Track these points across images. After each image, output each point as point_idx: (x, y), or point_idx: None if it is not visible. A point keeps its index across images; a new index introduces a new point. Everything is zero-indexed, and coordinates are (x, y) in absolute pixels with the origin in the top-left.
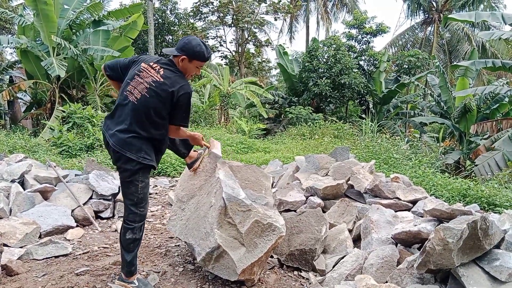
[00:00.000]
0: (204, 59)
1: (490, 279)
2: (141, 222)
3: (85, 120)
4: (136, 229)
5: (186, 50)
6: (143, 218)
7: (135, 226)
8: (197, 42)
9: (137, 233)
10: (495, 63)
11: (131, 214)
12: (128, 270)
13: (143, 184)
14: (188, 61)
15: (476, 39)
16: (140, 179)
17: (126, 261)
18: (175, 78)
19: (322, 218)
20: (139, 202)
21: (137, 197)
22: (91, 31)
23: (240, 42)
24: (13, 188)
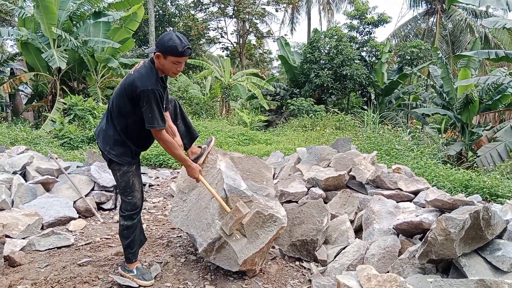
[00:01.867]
0: (178, 53)
1: (492, 269)
2: (132, 211)
3: (86, 112)
4: (127, 217)
5: (159, 46)
6: (135, 207)
7: (126, 214)
8: (170, 36)
9: (128, 221)
10: (498, 54)
11: (122, 203)
12: (126, 256)
13: (121, 173)
14: (163, 58)
15: (478, 29)
16: (116, 168)
17: (123, 247)
18: (141, 73)
19: (324, 209)
20: (123, 190)
21: (120, 185)
22: (92, 23)
23: (241, 33)
24: (15, 180)
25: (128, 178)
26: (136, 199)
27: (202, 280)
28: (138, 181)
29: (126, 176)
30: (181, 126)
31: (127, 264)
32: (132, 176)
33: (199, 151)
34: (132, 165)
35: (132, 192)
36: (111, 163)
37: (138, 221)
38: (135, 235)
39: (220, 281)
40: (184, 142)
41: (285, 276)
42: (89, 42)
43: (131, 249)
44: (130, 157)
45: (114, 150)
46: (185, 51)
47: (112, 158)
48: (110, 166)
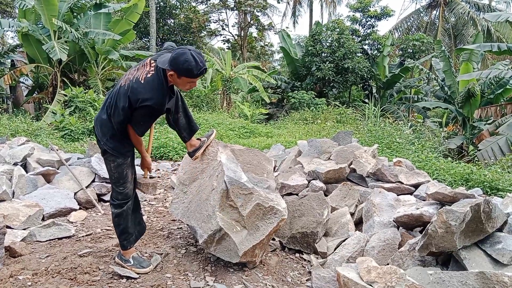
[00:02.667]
0: (193, 76)
1: (492, 262)
2: (123, 200)
3: (87, 104)
4: (117, 206)
5: (173, 66)
6: (126, 197)
7: (116, 203)
8: (185, 57)
9: (118, 209)
10: (501, 47)
11: (113, 192)
12: (121, 244)
13: (115, 164)
14: (177, 77)
15: (481, 23)
16: (110, 159)
17: (117, 235)
18: (151, 86)
19: (324, 202)
20: (115, 181)
21: (113, 176)
22: (92, 14)
23: (242, 25)
24: (16, 171)
25: (122, 170)
26: (128, 189)
27: (202, 271)
28: (131, 172)
29: (120, 168)
30: (181, 119)
31: (123, 251)
32: (126, 168)
33: (198, 144)
34: (127, 157)
35: (125, 183)
36: (105, 153)
37: (129, 209)
38: (127, 222)
39: (220, 272)
40: (183, 135)
41: (285, 268)
42: (90, 34)
43: (125, 236)
44: (126, 150)
45: (110, 143)
46: (201, 73)
47: (108, 150)
48: (105, 155)
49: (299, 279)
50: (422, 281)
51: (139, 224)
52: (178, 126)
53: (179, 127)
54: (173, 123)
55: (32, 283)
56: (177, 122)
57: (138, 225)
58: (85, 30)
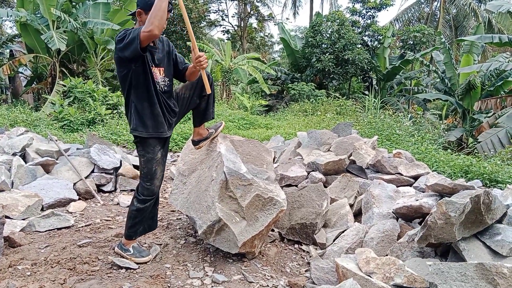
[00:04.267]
0: None
1: (491, 253)
2: (149, 196)
3: (86, 95)
4: (141, 201)
5: (140, 3)
6: (151, 193)
7: (141, 198)
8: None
9: (141, 204)
10: (502, 38)
11: (140, 186)
12: (127, 233)
13: (145, 159)
14: (144, 14)
15: (482, 15)
16: (140, 153)
17: (127, 225)
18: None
19: (323, 193)
20: (143, 176)
21: (142, 171)
22: (91, 4)
23: (242, 16)
24: (15, 161)
25: (151, 166)
26: (155, 186)
27: (201, 262)
28: (160, 169)
29: (150, 164)
30: (203, 103)
31: (125, 240)
32: (156, 164)
33: (206, 134)
34: (156, 153)
35: (152, 180)
36: (137, 147)
37: (151, 206)
38: (142, 218)
39: (219, 263)
40: (195, 119)
41: (284, 259)
42: (89, 24)
43: (135, 228)
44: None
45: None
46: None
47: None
48: (137, 150)
49: (298, 270)
50: (421, 272)
51: (151, 219)
52: (196, 109)
53: (196, 111)
54: (195, 105)
55: (31, 273)
56: (198, 106)
57: (151, 220)
58: (83, 20)
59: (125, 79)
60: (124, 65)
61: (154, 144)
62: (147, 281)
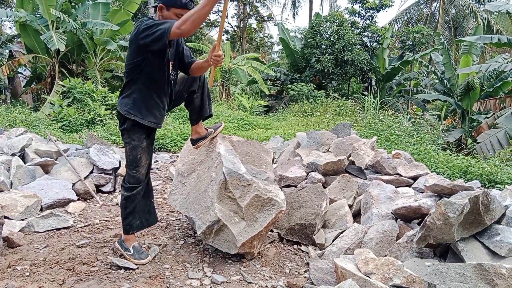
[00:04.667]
0: (182, 5)
1: (489, 254)
2: (134, 184)
3: (85, 95)
4: (128, 189)
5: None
6: (137, 181)
7: (128, 186)
8: None
9: (128, 192)
10: (501, 39)
11: (126, 174)
12: (123, 227)
13: (130, 146)
14: (166, 10)
15: (481, 15)
16: (126, 141)
17: (121, 217)
18: (140, 20)
19: (323, 194)
20: (129, 163)
21: (128, 158)
22: (90, 4)
23: (241, 17)
24: (14, 162)
25: (136, 153)
26: (140, 174)
27: (200, 262)
28: (146, 157)
29: (135, 151)
30: (197, 100)
31: (125, 236)
32: (141, 151)
33: (204, 133)
34: (142, 141)
35: (138, 167)
36: (123, 135)
37: (139, 194)
38: (134, 207)
39: (218, 263)
40: (192, 117)
41: (283, 259)
42: (88, 24)
43: (129, 219)
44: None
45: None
46: (188, 4)
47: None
48: (123, 137)
49: (297, 271)
50: (419, 273)
51: (148, 213)
52: (191, 106)
53: (191, 108)
54: (187, 102)
55: (30, 273)
56: (192, 103)
57: (148, 213)
58: (83, 20)
59: (137, 66)
60: (141, 52)
61: (141, 132)
62: (146, 282)
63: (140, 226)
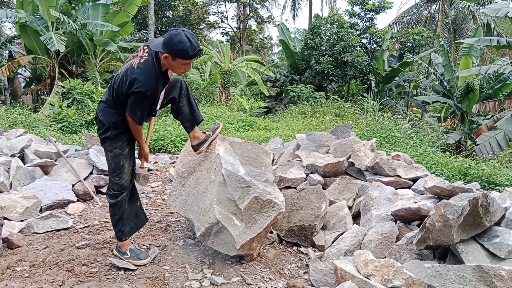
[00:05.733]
0: (188, 57)
1: (489, 256)
2: (118, 191)
3: (85, 96)
4: (112, 196)
5: (167, 47)
6: (121, 188)
7: (112, 193)
8: (180, 38)
9: (113, 199)
10: (500, 41)
11: (109, 182)
12: (116, 235)
13: (112, 154)
14: (171, 59)
15: (481, 17)
16: (108, 149)
17: (112, 225)
18: (144, 71)
19: (322, 195)
20: (112, 171)
21: (110, 166)
22: (90, 5)
23: (241, 18)
24: (13, 163)
25: (118, 160)
26: (124, 180)
27: (200, 263)
28: (128, 164)
29: (118, 159)
30: (185, 108)
31: (119, 243)
32: (123, 159)
33: (203, 137)
34: (124, 148)
35: (121, 174)
36: (104, 142)
37: (124, 200)
38: (122, 213)
39: (218, 265)
40: (186, 125)
41: (283, 261)
42: (88, 25)
43: (119, 227)
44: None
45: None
46: (195, 54)
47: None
48: (103, 144)
49: (296, 272)
50: (419, 275)
51: (136, 217)
52: (181, 115)
53: (182, 117)
54: (176, 112)
55: (30, 274)
56: (180, 112)
57: (135, 218)
58: (83, 22)
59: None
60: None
61: (123, 140)
62: (145, 283)
63: (131, 231)
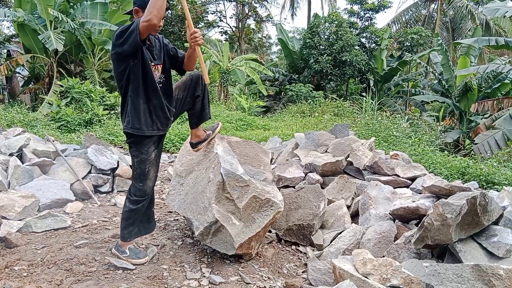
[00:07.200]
0: None
1: (487, 255)
2: (141, 197)
3: (83, 95)
4: (133, 202)
5: (137, 1)
6: (143, 194)
7: (133, 198)
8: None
9: (133, 205)
10: (498, 41)
11: (132, 186)
12: (122, 234)
13: (138, 160)
14: (141, 12)
15: (479, 17)
16: (134, 154)
17: (121, 226)
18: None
19: (321, 194)
20: (137, 176)
21: (135, 172)
22: (88, 4)
23: (240, 17)
24: (12, 162)
25: (145, 166)
26: (147, 187)
27: (198, 263)
28: (153, 170)
29: (144, 164)
30: (198, 104)
31: (121, 242)
32: (149, 165)
33: (204, 136)
34: (150, 153)
35: (145, 180)
36: (130, 147)
37: (143, 207)
38: (136, 219)
39: (216, 264)
40: (193, 121)
41: (281, 260)
42: (86, 24)
43: (129, 229)
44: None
45: (133, 121)
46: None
47: (132, 132)
48: (130, 150)
49: (295, 271)
50: (417, 273)
51: (147, 221)
52: (192, 110)
53: (192, 112)
54: (191, 105)
55: (28, 273)
56: (193, 107)
57: (146, 222)
58: (81, 20)
59: (122, 76)
60: (122, 61)
61: (148, 144)
62: (144, 282)
63: (138, 233)
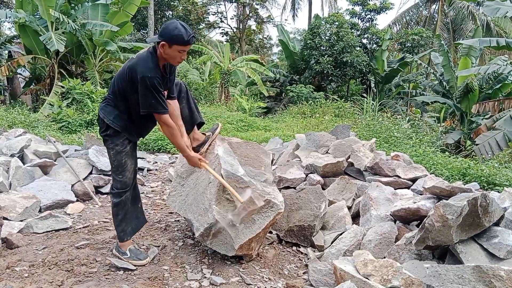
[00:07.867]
0: (183, 42)
1: (488, 256)
2: (122, 189)
3: (84, 96)
4: (116, 195)
5: (164, 35)
6: (125, 186)
7: (115, 191)
8: (174, 25)
9: (117, 198)
10: (499, 42)
11: (113, 180)
12: (118, 235)
13: (114, 152)
14: (168, 47)
15: (480, 17)
16: (109, 146)
17: (114, 225)
18: (142, 58)
19: (322, 195)
20: (115, 169)
21: (113, 164)
22: (90, 5)
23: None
24: (13, 163)
25: (121, 158)
26: (127, 178)
27: (199, 264)
28: (131, 162)
29: (120, 156)
30: (184, 110)
31: (120, 243)
32: (125, 156)
33: (203, 138)
34: (126, 145)
35: (123, 172)
36: (105, 141)
37: (128, 199)
38: (125, 213)
39: (217, 265)
40: (186, 126)
41: (282, 261)
42: (87, 25)
43: (122, 227)
44: (128, 134)
45: (119, 122)
46: (190, 40)
47: (110, 125)
48: (106, 143)
49: (296, 272)
50: (418, 275)
51: (136, 218)
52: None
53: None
54: None
55: (29, 274)
56: (181, 113)
57: (136, 219)
58: (82, 21)
59: (129, 94)
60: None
61: (124, 137)
62: (145, 283)
63: (132, 232)
